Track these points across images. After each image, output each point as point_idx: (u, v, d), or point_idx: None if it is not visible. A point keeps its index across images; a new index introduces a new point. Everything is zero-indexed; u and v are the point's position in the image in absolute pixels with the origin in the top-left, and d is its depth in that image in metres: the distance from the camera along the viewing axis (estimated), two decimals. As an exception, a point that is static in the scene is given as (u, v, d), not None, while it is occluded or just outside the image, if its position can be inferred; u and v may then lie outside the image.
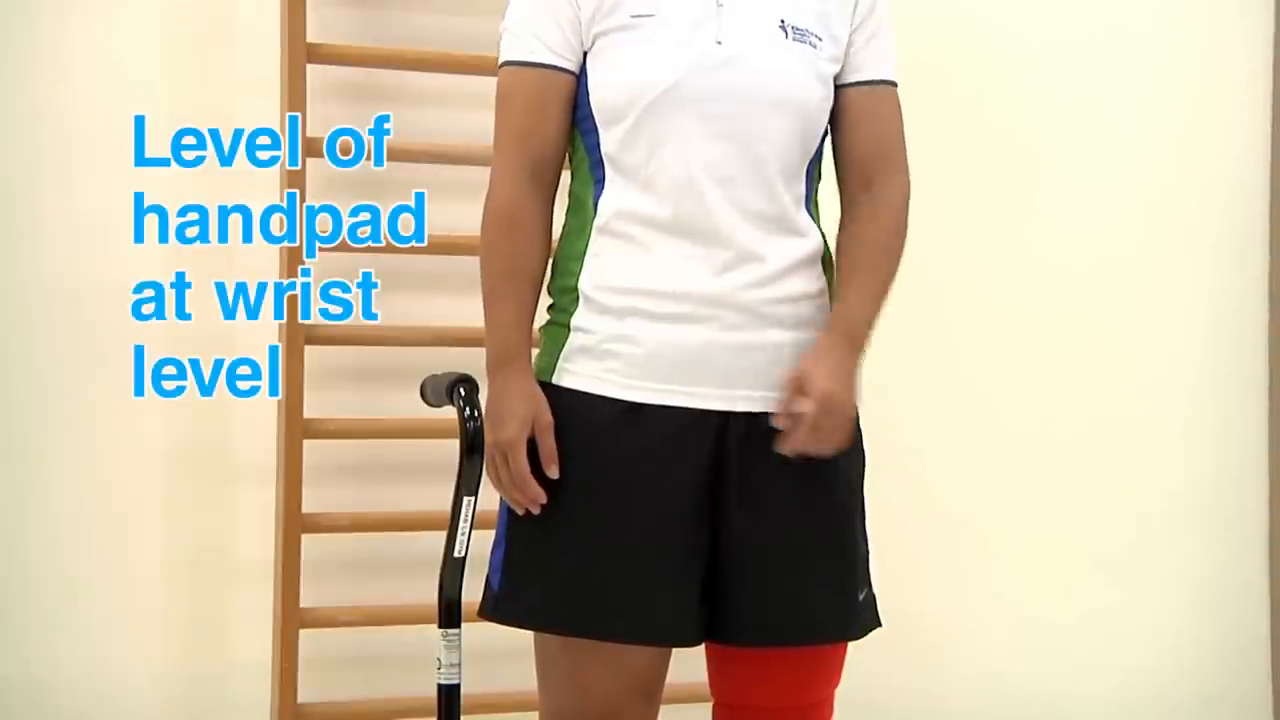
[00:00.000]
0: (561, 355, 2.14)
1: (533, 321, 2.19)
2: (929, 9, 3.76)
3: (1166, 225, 3.94)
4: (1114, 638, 3.87)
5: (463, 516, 2.19)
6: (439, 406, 2.30)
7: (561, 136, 2.16)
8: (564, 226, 2.21)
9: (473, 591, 2.26)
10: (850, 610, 2.16)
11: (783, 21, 2.13)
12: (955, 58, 3.77)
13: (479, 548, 3.35)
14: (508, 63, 2.16)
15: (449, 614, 2.21)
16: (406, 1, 3.37)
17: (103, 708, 3.16)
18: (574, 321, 2.13)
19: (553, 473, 2.09)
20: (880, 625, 2.23)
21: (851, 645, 2.22)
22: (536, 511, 2.10)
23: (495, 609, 2.18)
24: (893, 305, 3.60)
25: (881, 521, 2.17)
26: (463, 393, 2.22)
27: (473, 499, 2.20)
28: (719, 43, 2.09)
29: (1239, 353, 3.99)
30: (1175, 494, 3.94)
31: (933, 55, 3.75)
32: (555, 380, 2.14)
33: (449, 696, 2.22)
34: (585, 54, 2.14)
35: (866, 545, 2.22)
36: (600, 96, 2.11)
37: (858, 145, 2.21)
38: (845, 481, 2.18)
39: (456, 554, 2.21)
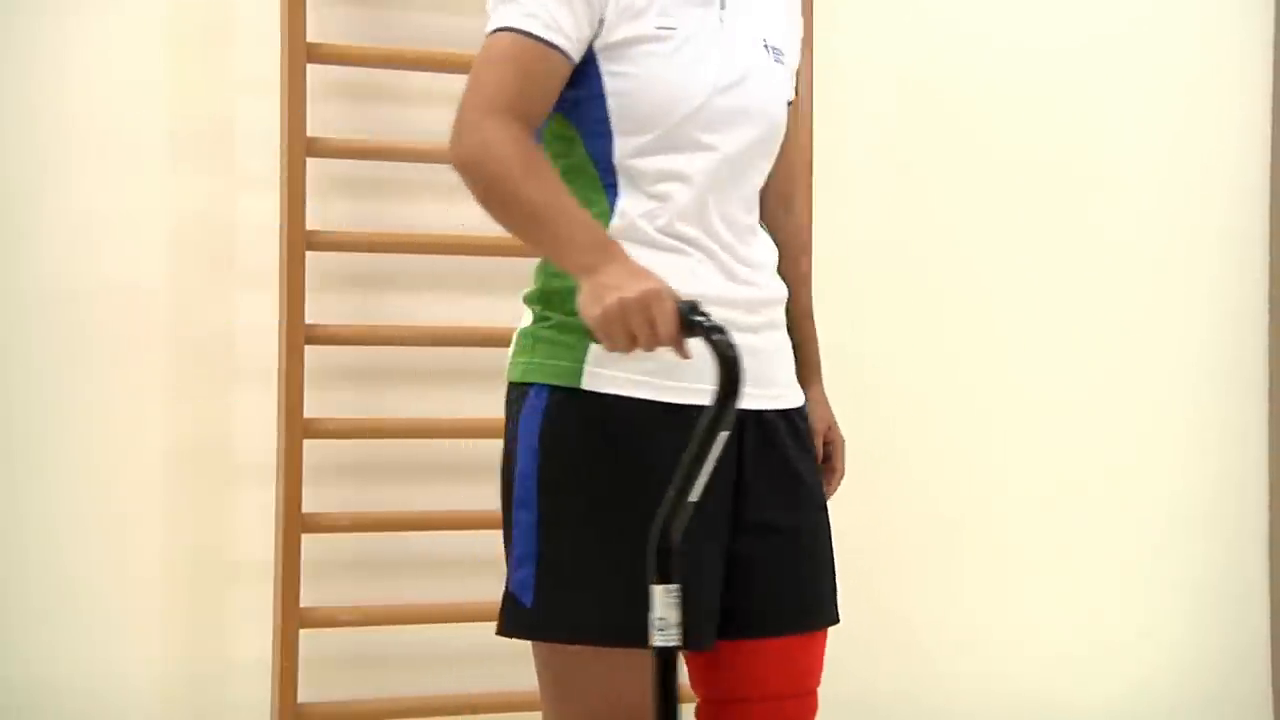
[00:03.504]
0: (587, 360, 2.06)
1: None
2: (929, 8, 3.76)
3: (1166, 226, 3.94)
4: (1114, 640, 3.87)
5: (711, 457, 1.89)
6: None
7: (544, 119, 2.07)
8: None
9: (471, 592, 2.25)
10: (836, 596, 2.22)
11: (765, 41, 2.15)
12: (954, 57, 3.77)
13: (481, 548, 3.36)
14: (514, 29, 2.04)
15: (665, 565, 1.91)
16: (406, 1, 3.37)
17: (103, 708, 3.16)
18: None
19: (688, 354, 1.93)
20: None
21: (849, 648, 2.23)
22: (689, 358, 1.91)
23: (531, 626, 2.07)
24: (891, 307, 3.63)
25: (880, 524, 2.18)
26: (703, 315, 1.88)
27: (727, 435, 1.91)
28: (732, 61, 2.10)
29: (1239, 354, 3.99)
30: (1176, 495, 3.94)
31: (931, 53, 3.76)
32: (584, 385, 2.06)
33: (668, 660, 1.92)
34: (594, 53, 2.08)
35: None
36: (622, 105, 2.06)
37: (781, 164, 2.25)
38: (816, 478, 2.24)
39: (692, 498, 1.92)
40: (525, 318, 2.17)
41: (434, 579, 3.33)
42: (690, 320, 1.88)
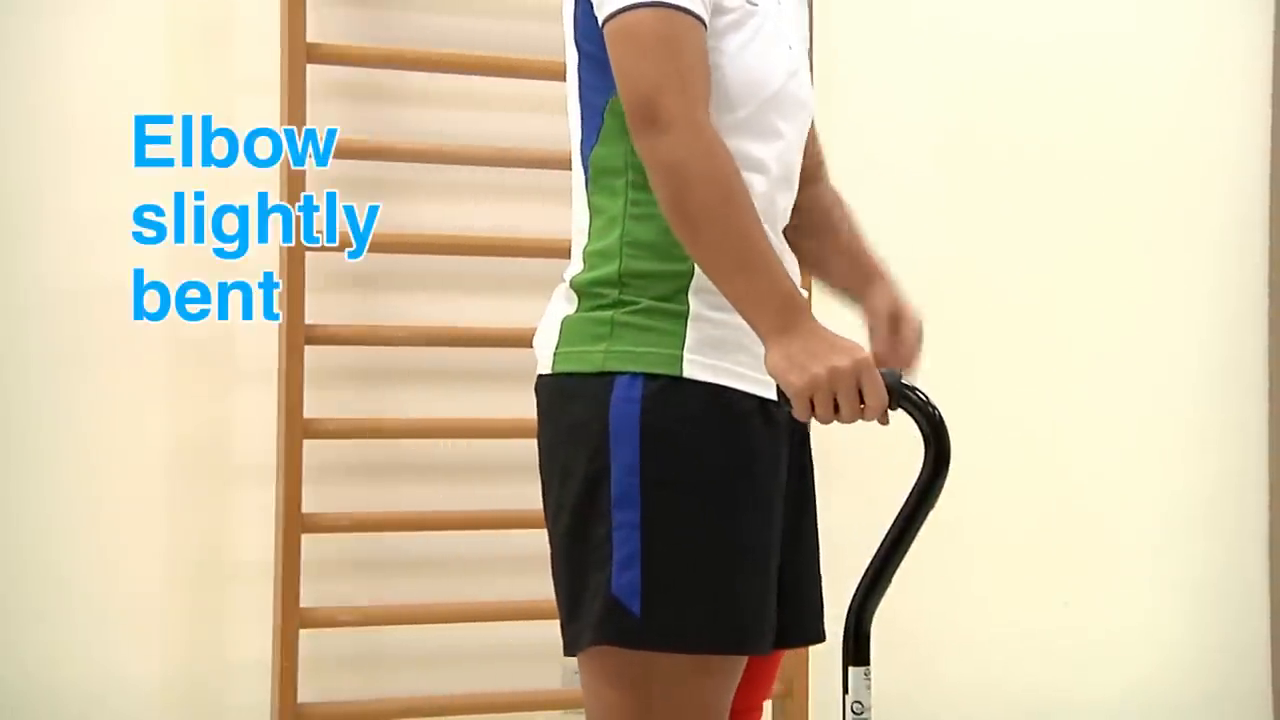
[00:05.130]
0: (686, 347, 1.93)
1: None
2: (927, 3, 3.76)
3: (1167, 226, 3.94)
4: (1114, 639, 3.86)
5: (913, 537, 1.88)
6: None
7: None
8: (635, 208, 1.96)
9: (471, 592, 2.25)
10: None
11: (801, 35, 2.10)
12: (950, 53, 3.77)
13: (480, 548, 3.36)
14: (675, 6, 1.88)
15: (863, 648, 1.91)
16: (406, 1, 3.37)
17: (103, 709, 3.16)
18: (694, 310, 1.94)
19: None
20: None
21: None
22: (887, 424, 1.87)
23: (642, 635, 1.90)
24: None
25: (878, 527, 2.17)
26: (910, 387, 1.88)
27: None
28: (790, 47, 2.04)
29: (1239, 354, 3.99)
30: (1176, 495, 3.94)
31: (925, 48, 3.75)
32: (686, 373, 1.93)
33: None
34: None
35: None
36: (715, 81, 1.93)
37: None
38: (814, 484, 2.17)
39: (886, 579, 1.90)
40: (569, 303, 2.01)
41: (433, 579, 3.32)
42: (900, 392, 1.86)
